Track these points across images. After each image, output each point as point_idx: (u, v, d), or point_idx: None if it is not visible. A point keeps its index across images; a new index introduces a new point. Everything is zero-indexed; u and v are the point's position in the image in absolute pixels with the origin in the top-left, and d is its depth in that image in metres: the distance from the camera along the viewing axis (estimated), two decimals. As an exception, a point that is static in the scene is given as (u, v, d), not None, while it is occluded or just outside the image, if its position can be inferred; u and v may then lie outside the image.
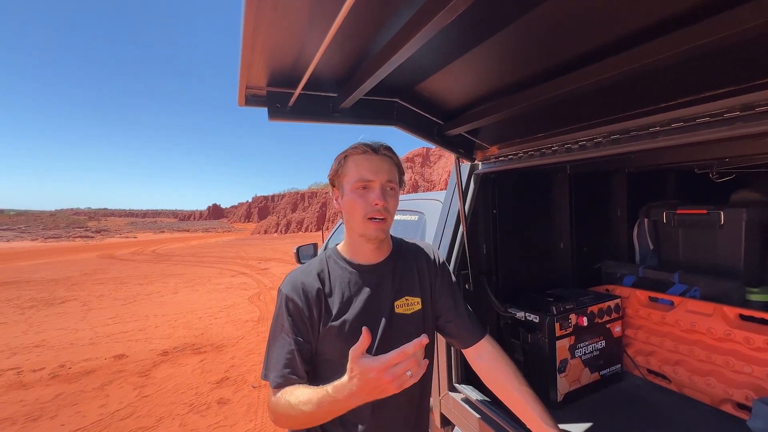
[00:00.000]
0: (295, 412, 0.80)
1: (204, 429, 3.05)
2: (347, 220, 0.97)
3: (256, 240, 29.65)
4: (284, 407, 0.82)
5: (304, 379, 0.89)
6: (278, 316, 0.92)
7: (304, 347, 0.90)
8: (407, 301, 0.99)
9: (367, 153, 0.95)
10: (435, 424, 1.59)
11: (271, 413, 0.87)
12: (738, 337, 1.27)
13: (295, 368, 0.88)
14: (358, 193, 0.93)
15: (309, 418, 0.80)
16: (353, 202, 0.93)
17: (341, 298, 0.93)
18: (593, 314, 1.49)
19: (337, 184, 0.99)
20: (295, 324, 0.90)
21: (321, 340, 0.92)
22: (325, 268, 0.97)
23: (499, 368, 1.00)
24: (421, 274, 1.04)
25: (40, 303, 7.78)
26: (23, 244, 26.56)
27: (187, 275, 11.28)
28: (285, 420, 0.84)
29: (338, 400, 0.75)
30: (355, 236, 0.97)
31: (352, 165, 0.95)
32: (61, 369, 4.31)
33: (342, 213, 0.99)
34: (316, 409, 0.78)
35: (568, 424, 1.29)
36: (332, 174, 0.99)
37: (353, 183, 0.93)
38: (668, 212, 1.65)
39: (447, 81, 1.11)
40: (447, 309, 1.05)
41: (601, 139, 1.05)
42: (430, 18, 0.62)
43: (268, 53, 0.86)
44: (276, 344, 0.91)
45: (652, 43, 0.71)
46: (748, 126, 0.75)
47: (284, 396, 0.84)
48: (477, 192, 1.57)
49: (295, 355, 0.88)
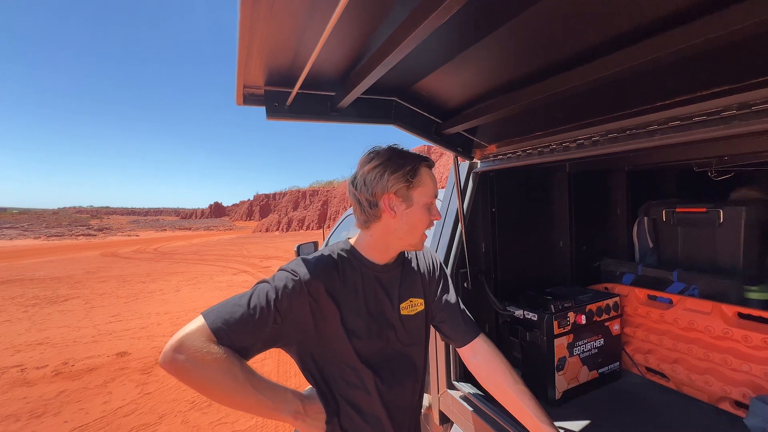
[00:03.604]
0: (224, 373, 0.72)
1: (206, 426, 3.07)
2: (404, 231, 0.92)
3: (257, 238, 29.72)
4: (216, 358, 0.71)
5: (245, 357, 0.78)
6: (277, 289, 0.81)
7: (274, 335, 0.81)
8: (412, 303, 1.00)
9: (431, 167, 0.95)
10: (434, 422, 1.60)
11: (181, 350, 0.70)
12: (736, 336, 1.27)
13: (250, 338, 0.77)
14: (426, 207, 0.93)
15: (232, 388, 0.73)
16: (423, 217, 0.92)
17: (354, 295, 0.90)
18: (592, 312, 1.49)
19: (403, 194, 0.89)
20: (290, 311, 0.81)
21: (329, 337, 0.87)
22: (340, 263, 0.92)
23: (494, 366, 1.01)
24: (423, 277, 1.05)
25: (43, 301, 7.84)
26: (26, 242, 26.71)
27: (190, 273, 11.32)
28: (197, 367, 0.70)
29: (280, 409, 0.80)
30: (395, 242, 0.94)
31: (428, 179, 0.93)
32: (64, 366, 4.35)
33: (394, 221, 0.91)
34: (254, 391, 0.76)
35: (567, 422, 1.30)
36: (402, 183, 0.88)
37: (429, 198, 0.92)
38: (668, 210, 1.65)
39: (445, 79, 1.11)
40: (442, 309, 1.07)
41: (599, 137, 1.05)
42: (426, 16, 0.62)
43: (264, 52, 0.86)
44: (250, 303, 0.78)
45: (649, 41, 0.71)
46: (745, 124, 0.75)
47: (228, 352, 0.74)
48: (476, 190, 1.57)
49: (262, 329, 0.78)
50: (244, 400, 0.76)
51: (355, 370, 0.89)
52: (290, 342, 0.86)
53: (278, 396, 0.81)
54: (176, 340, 0.72)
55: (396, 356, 0.95)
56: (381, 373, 0.91)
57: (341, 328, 0.87)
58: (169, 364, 0.71)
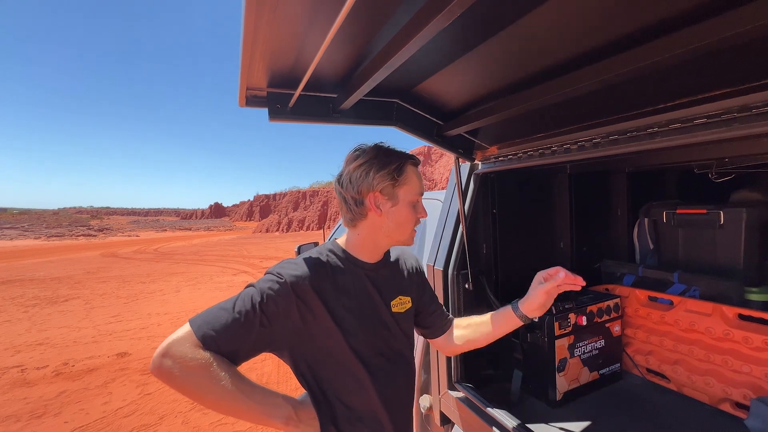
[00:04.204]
0: (211, 378, 0.71)
1: (206, 427, 3.07)
2: (391, 228, 0.93)
3: (257, 238, 29.72)
4: (202, 364, 0.71)
5: (234, 362, 0.78)
6: (262, 292, 0.80)
7: (262, 338, 0.80)
8: (401, 300, 1.01)
9: (417, 165, 0.97)
10: (435, 423, 1.60)
11: (167, 357, 0.71)
12: (737, 337, 1.28)
13: (236, 343, 0.77)
14: (413, 206, 0.94)
15: (220, 394, 0.73)
16: (409, 215, 0.94)
17: (345, 293, 0.91)
18: (592, 313, 1.50)
19: (388, 192, 0.90)
20: (276, 313, 0.81)
21: (321, 337, 0.87)
22: (328, 263, 0.91)
23: (464, 327, 1.13)
24: (409, 275, 1.08)
25: (43, 301, 7.84)
26: (26, 243, 26.70)
27: (190, 273, 11.32)
28: (184, 373, 0.71)
29: (270, 414, 0.79)
30: (382, 240, 0.95)
31: (414, 177, 0.94)
32: (64, 367, 4.35)
33: (380, 219, 0.92)
34: (242, 396, 0.75)
35: (567, 422, 1.30)
36: (385, 180, 0.89)
37: (414, 196, 0.94)
38: (668, 212, 1.66)
39: (446, 82, 1.12)
40: (426, 304, 1.13)
41: (600, 139, 1.05)
42: (429, 19, 0.63)
43: (268, 55, 0.86)
44: (235, 308, 0.78)
45: (650, 44, 0.71)
46: (746, 127, 0.75)
47: (215, 357, 0.74)
48: (477, 192, 1.58)
49: (248, 333, 0.78)
50: (232, 405, 0.75)
51: (350, 370, 0.89)
52: (281, 347, 0.85)
53: (268, 401, 0.80)
54: (163, 347, 0.72)
55: (390, 354, 0.95)
56: (375, 372, 0.91)
57: (334, 327, 0.86)
58: (158, 370, 0.71)
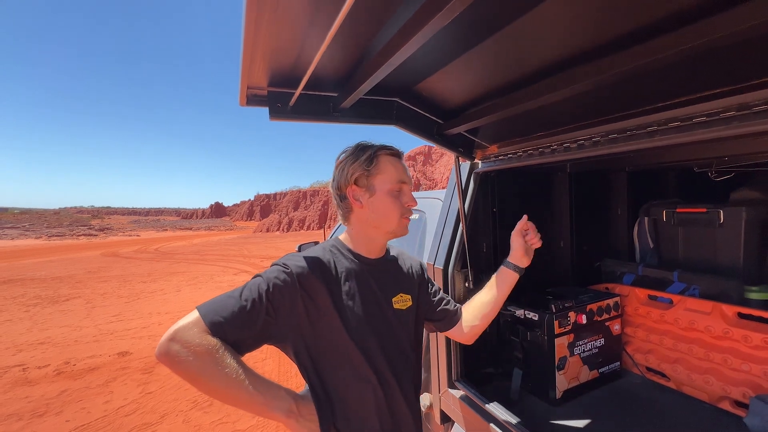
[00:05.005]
0: (216, 365, 0.72)
1: (207, 425, 3.08)
2: (376, 219, 0.95)
3: (258, 238, 29.74)
4: (209, 350, 0.72)
5: (238, 352, 0.79)
6: (269, 282, 0.82)
7: (267, 329, 0.81)
8: (402, 298, 1.02)
9: (396, 156, 0.98)
10: (435, 421, 1.61)
11: (174, 341, 0.71)
12: (736, 336, 1.28)
13: (243, 331, 0.78)
14: (394, 195, 0.95)
15: (224, 381, 0.73)
16: (391, 203, 0.95)
17: (348, 288, 0.91)
18: (592, 312, 1.50)
19: (363, 183, 0.94)
20: (282, 303, 0.82)
21: (324, 330, 0.87)
22: (331, 258, 0.93)
23: (472, 308, 1.17)
24: (410, 274, 1.09)
25: (44, 300, 7.85)
26: (27, 242, 26.74)
27: (190, 273, 11.34)
28: (190, 358, 0.71)
29: (272, 406, 0.78)
30: (372, 232, 0.97)
31: (388, 166, 0.95)
32: (65, 366, 4.36)
33: (363, 211, 0.95)
34: (245, 385, 0.75)
35: (567, 421, 1.30)
36: (358, 172, 0.93)
37: (392, 184, 0.95)
38: (668, 211, 1.66)
39: (446, 81, 1.12)
40: (433, 297, 1.14)
41: (600, 138, 1.05)
42: (429, 18, 0.63)
43: (268, 54, 0.87)
44: (242, 296, 0.80)
45: (649, 42, 0.71)
46: (745, 125, 0.75)
47: (221, 344, 0.74)
48: (477, 190, 1.58)
49: (255, 322, 0.79)
50: (235, 393, 0.75)
51: (351, 363, 0.89)
52: (284, 338, 0.86)
53: (271, 393, 0.80)
54: (171, 332, 0.73)
55: (391, 349, 0.96)
56: (377, 365, 0.92)
57: (337, 318, 0.87)
58: (164, 355, 0.72)
